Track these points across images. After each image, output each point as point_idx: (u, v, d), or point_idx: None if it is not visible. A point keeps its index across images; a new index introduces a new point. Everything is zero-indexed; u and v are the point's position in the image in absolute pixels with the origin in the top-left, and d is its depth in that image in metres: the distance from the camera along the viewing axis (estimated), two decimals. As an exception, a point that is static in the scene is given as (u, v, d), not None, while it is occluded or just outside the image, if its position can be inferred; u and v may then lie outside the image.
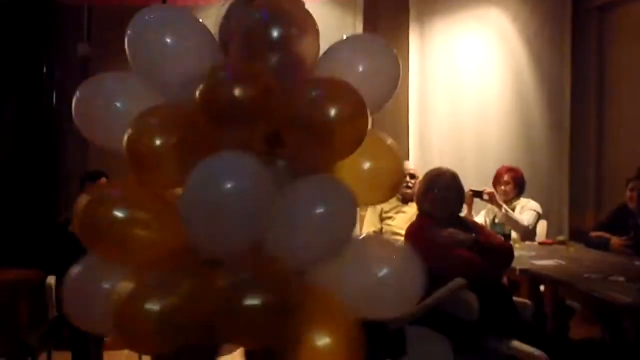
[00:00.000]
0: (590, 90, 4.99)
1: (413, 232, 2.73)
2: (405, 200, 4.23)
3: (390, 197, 1.61)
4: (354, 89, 1.41)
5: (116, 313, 1.30)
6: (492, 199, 4.07)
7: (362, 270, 1.45)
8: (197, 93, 1.36)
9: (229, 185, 1.28)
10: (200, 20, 1.58)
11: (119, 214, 1.37)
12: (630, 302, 2.35)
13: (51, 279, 3.36)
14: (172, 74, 1.47)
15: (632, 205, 3.64)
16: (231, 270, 1.33)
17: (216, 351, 1.41)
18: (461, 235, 2.62)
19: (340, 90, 1.41)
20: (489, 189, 4.11)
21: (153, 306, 1.27)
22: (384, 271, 1.46)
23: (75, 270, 1.58)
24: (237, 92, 1.33)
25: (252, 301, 1.25)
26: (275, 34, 1.39)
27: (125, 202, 1.41)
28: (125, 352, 4.08)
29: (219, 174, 1.30)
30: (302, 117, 1.35)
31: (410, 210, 4.05)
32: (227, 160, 1.33)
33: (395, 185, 1.59)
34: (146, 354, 1.44)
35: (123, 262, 1.42)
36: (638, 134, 4.61)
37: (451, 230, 2.63)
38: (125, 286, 1.32)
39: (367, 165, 1.53)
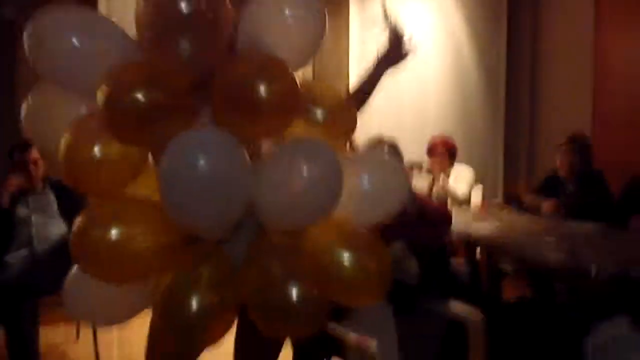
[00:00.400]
0: (525, 60, 5.15)
1: None
2: None
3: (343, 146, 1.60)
4: (286, 68, 1.32)
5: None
6: (431, 170, 4.17)
7: (356, 183, 1.49)
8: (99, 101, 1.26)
9: (202, 162, 1.21)
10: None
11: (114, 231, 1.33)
12: (562, 260, 2.45)
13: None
14: (85, 79, 1.32)
15: (562, 172, 3.78)
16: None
17: None
18: None
19: (273, 69, 1.32)
20: (425, 160, 4.20)
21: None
22: (375, 180, 1.54)
23: None
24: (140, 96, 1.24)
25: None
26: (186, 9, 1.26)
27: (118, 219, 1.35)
28: (62, 327, 4.00)
29: (192, 150, 1.24)
30: (231, 98, 1.27)
31: None
32: (200, 136, 1.27)
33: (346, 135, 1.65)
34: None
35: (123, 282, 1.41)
36: (569, 102, 4.78)
37: None
38: None
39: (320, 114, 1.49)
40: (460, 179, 4.20)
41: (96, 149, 1.29)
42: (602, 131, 4.39)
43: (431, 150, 4.34)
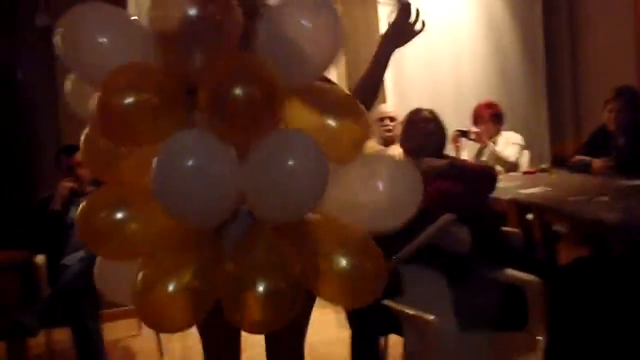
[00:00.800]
0: (563, 19, 4.99)
1: None
2: (387, 144, 4.22)
3: (355, 155, 1.49)
4: (268, 71, 1.31)
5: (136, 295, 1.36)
6: (479, 138, 4.10)
7: (366, 189, 1.47)
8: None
9: (191, 163, 1.27)
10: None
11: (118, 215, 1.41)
12: (618, 218, 2.38)
13: (39, 258, 3.33)
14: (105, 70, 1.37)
15: (611, 127, 3.66)
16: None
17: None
18: (437, 162, 2.54)
19: (248, 71, 1.30)
20: (474, 128, 4.13)
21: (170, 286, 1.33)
22: (385, 186, 1.48)
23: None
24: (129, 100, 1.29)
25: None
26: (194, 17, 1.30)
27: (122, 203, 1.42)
28: (123, 321, 4.12)
29: (182, 153, 1.29)
30: (208, 100, 1.29)
31: (395, 152, 4.05)
32: (188, 138, 1.32)
33: (357, 144, 1.49)
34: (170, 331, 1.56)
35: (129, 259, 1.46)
36: (610, 60, 4.62)
37: (427, 159, 2.55)
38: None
39: (328, 122, 1.44)
40: (509, 144, 4.13)
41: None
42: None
43: (477, 117, 4.27)
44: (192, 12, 1.28)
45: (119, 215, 1.40)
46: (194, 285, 1.33)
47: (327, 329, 3.66)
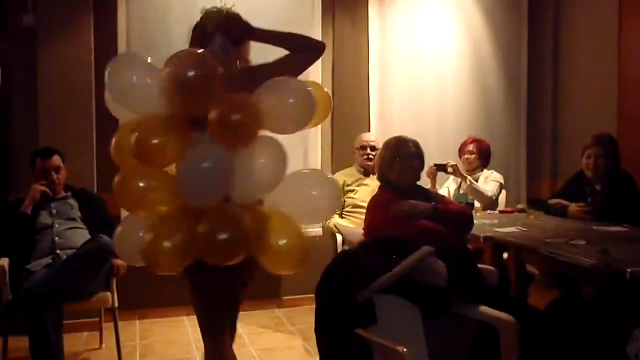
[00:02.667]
0: (547, 61, 5.09)
1: (376, 206, 2.71)
2: (367, 174, 4.23)
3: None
4: (253, 105, 1.97)
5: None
6: (455, 172, 4.13)
7: (297, 193, 2.09)
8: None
9: (204, 165, 1.90)
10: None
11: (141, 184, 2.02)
12: (594, 263, 2.39)
13: (3, 262, 3.23)
14: (137, 103, 2.07)
15: (588, 173, 3.70)
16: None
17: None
18: (421, 206, 2.63)
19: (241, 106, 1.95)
20: (452, 162, 4.17)
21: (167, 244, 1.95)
22: (311, 191, 2.10)
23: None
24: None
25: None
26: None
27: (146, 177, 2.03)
28: (85, 334, 4.01)
29: (198, 159, 1.90)
30: (218, 125, 1.92)
31: (373, 183, 4.06)
32: (202, 150, 1.95)
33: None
34: (168, 273, 2.09)
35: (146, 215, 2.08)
36: (592, 103, 4.71)
37: (412, 202, 2.63)
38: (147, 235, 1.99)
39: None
40: (490, 182, 4.17)
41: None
42: (628, 132, 4.31)
43: (462, 148, 4.35)
44: (192, 72, 1.92)
45: (142, 184, 2.02)
46: (181, 243, 1.93)
47: (296, 358, 3.60)
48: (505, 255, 3.28)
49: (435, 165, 4.15)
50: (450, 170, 4.13)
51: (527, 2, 5.10)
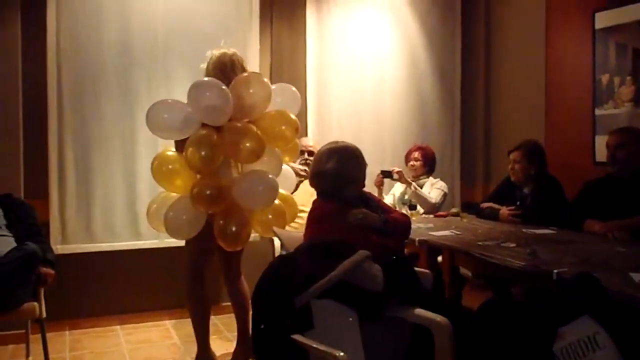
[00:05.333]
0: (479, 71, 5.26)
1: (319, 218, 2.58)
2: (302, 177, 4.22)
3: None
4: (261, 139, 3.10)
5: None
6: (401, 178, 4.24)
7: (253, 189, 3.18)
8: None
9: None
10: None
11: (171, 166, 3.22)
12: (523, 265, 2.48)
13: None
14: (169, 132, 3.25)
15: (513, 178, 3.85)
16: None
17: None
18: (371, 217, 2.56)
19: (255, 139, 3.09)
20: (397, 168, 4.31)
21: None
22: (261, 187, 3.17)
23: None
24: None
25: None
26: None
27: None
28: (10, 347, 3.83)
29: None
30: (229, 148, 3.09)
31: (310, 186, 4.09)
32: None
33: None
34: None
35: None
36: (522, 112, 4.89)
37: (365, 210, 2.56)
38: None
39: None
40: (434, 189, 4.30)
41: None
42: (554, 140, 4.50)
43: (407, 155, 4.51)
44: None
45: (171, 167, 3.20)
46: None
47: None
48: (440, 258, 3.35)
49: (382, 172, 4.28)
50: (395, 176, 4.25)
51: (460, 12, 5.26)
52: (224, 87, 3.04)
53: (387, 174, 4.27)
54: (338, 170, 2.58)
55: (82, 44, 4.19)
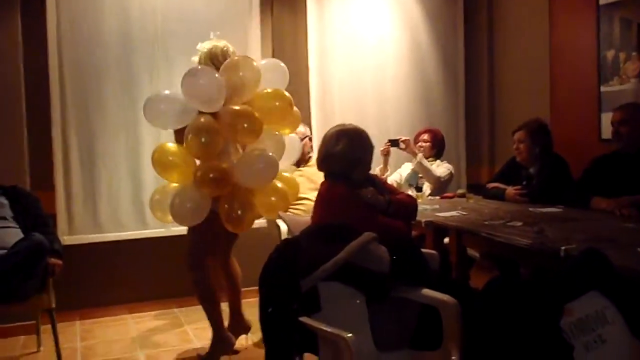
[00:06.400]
0: (483, 51, 5.20)
1: (329, 200, 2.59)
2: (299, 164, 4.20)
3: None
4: (258, 119, 3.19)
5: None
6: (407, 146, 4.28)
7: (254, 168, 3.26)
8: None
9: None
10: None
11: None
12: (530, 243, 2.47)
13: None
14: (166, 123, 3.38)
15: (519, 158, 3.83)
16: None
17: None
18: (375, 199, 2.58)
19: (252, 119, 3.19)
20: (404, 137, 4.33)
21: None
22: (261, 165, 3.23)
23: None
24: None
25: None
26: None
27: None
28: (22, 338, 3.86)
29: None
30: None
31: (307, 171, 4.13)
32: None
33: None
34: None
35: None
36: (526, 92, 4.85)
37: (372, 190, 2.59)
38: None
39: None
40: (441, 167, 4.32)
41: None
42: (559, 119, 4.46)
43: (416, 137, 4.54)
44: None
45: (170, 159, 3.26)
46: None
47: (243, 349, 3.58)
48: (447, 240, 3.34)
49: (389, 140, 4.31)
50: (402, 145, 4.27)
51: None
52: (216, 74, 3.15)
53: (394, 143, 4.29)
54: (347, 151, 2.60)
55: (82, 34, 4.18)
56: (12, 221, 3.35)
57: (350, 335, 2.00)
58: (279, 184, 3.36)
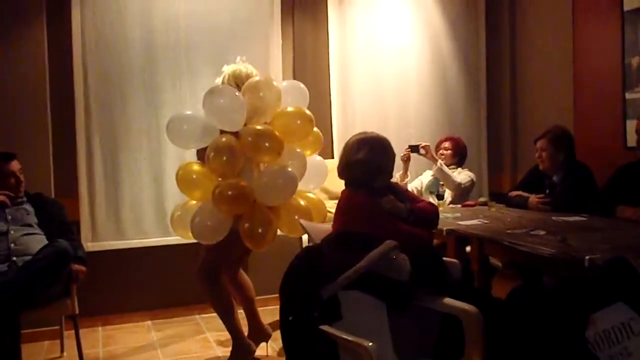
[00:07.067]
0: (505, 58, 5.17)
1: (350, 209, 2.57)
2: None
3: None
4: (279, 138, 3.25)
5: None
6: (427, 152, 4.27)
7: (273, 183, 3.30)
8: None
9: None
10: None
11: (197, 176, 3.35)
12: (554, 252, 2.43)
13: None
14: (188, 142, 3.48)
15: (542, 167, 3.78)
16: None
17: None
18: (397, 207, 2.56)
19: (273, 138, 3.25)
20: (425, 143, 4.32)
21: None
22: (280, 181, 3.28)
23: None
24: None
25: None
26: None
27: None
28: (46, 343, 3.91)
29: None
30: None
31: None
32: None
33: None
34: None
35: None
36: (549, 99, 4.80)
37: (390, 200, 2.57)
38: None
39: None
40: (462, 174, 4.30)
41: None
42: (583, 127, 4.40)
43: (438, 145, 4.51)
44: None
45: (194, 177, 3.34)
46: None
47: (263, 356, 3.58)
48: (468, 248, 3.31)
49: (410, 146, 4.30)
50: (422, 151, 4.26)
51: (484, 1, 5.17)
52: (237, 92, 3.24)
53: (414, 149, 4.27)
54: (369, 160, 2.58)
55: (106, 43, 4.25)
56: (37, 228, 3.40)
57: (371, 344, 1.99)
58: (302, 202, 3.37)
